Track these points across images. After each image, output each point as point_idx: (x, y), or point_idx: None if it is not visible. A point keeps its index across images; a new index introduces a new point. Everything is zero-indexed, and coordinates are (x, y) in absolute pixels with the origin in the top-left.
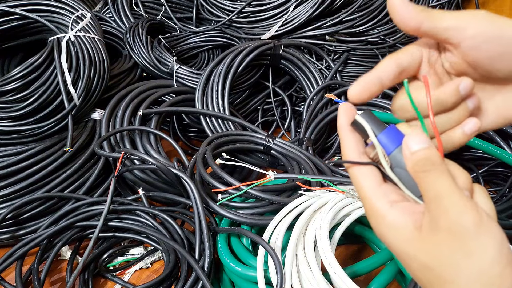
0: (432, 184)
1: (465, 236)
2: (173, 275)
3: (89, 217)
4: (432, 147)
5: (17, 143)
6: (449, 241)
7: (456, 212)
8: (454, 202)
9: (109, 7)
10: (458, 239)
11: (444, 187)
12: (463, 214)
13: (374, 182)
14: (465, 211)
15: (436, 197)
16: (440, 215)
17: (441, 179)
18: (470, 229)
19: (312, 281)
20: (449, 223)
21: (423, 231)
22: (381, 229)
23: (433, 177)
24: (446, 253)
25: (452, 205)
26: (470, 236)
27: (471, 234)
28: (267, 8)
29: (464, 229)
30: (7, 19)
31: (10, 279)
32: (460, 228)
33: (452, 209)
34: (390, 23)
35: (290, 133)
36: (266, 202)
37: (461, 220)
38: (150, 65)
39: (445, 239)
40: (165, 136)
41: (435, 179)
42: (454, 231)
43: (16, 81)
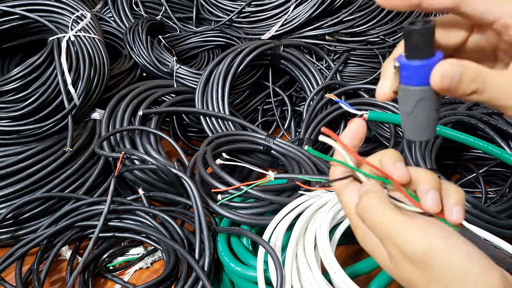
0: (376, 226)
1: (431, 260)
2: (173, 275)
3: (89, 217)
4: (349, 194)
5: (17, 143)
6: (415, 269)
7: (409, 246)
8: (403, 237)
9: (109, 7)
10: (423, 267)
11: (389, 223)
12: (416, 246)
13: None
14: (416, 242)
15: (386, 237)
16: (397, 253)
17: (380, 217)
18: (427, 255)
19: (312, 281)
20: (408, 258)
21: (394, 263)
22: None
23: (372, 220)
24: (418, 281)
25: (403, 241)
26: (435, 259)
27: (433, 258)
28: (267, 8)
29: (423, 257)
30: (7, 19)
31: (10, 279)
32: (419, 258)
33: (403, 245)
34: (390, 23)
35: (290, 133)
36: (266, 202)
37: (415, 251)
38: (150, 65)
39: (411, 269)
40: (165, 136)
41: (376, 221)
42: (416, 262)
43: (16, 81)
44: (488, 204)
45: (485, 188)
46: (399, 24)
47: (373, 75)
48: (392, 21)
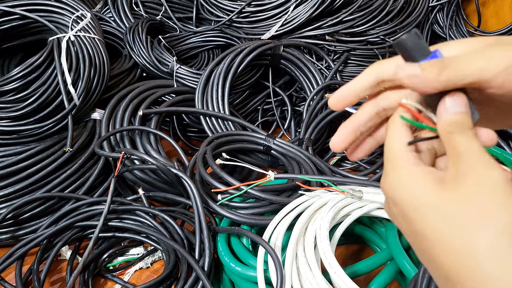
0: (462, 143)
1: (494, 188)
2: (173, 275)
3: (89, 217)
4: (468, 114)
5: (17, 143)
6: (477, 193)
7: (485, 167)
8: (482, 159)
9: (109, 7)
10: (487, 192)
11: (473, 147)
12: (491, 170)
13: (405, 143)
14: (494, 168)
15: (464, 153)
16: (468, 170)
17: (470, 140)
18: (499, 182)
19: (312, 281)
20: (477, 177)
21: (448, 185)
22: (394, 187)
23: (463, 137)
24: (473, 204)
25: (481, 162)
26: (499, 189)
27: (499, 187)
28: (267, 8)
29: (493, 182)
30: (7, 19)
31: (10, 279)
32: (488, 181)
33: (480, 165)
34: (390, 23)
35: (290, 133)
36: (266, 202)
37: (490, 174)
38: (150, 65)
39: (473, 191)
40: (165, 136)
41: (465, 140)
42: (482, 184)
43: (16, 81)
44: None
45: None
46: (399, 24)
47: None
48: (392, 21)
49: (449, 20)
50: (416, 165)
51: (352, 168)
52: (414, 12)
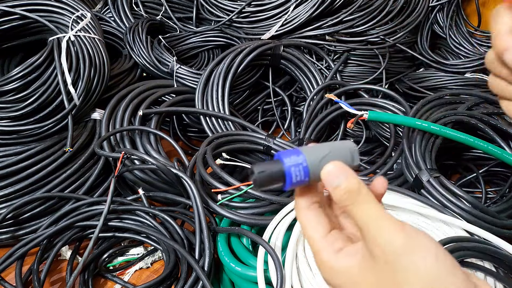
0: (359, 215)
1: (398, 257)
2: (173, 275)
3: (89, 217)
4: (350, 177)
5: (17, 143)
6: (386, 266)
7: (384, 239)
8: (381, 228)
9: (109, 7)
10: (392, 263)
11: (370, 215)
12: (391, 239)
13: (321, 233)
14: (392, 235)
15: (364, 226)
16: (372, 244)
17: (365, 208)
18: (399, 250)
19: (312, 281)
20: (381, 250)
21: (364, 263)
22: (331, 277)
23: (358, 208)
24: (388, 277)
25: (379, 232)
26: (402, 257)
27: (402, 255)
28: (267, 8)
29: (394, 252)
30: (7, 19)
31: (10, 279)
32: (390, 252)
33: (379, 236)
34: (390, 23)
35: (290, 133)
36: (266, 202)
37: (390, 245)
38: (150, 65)
39: (382, 265)
40: (165, 136)
41: (360, 210)
42: (386, 256)
43: (16, 81)
44: (488, 204)
45: (485, 188)
46: (399, 24)
47: (373, 75)
48: (392, 21)
49: (449, 20)
50: (336, 251)
51: None
52: (414, 12)
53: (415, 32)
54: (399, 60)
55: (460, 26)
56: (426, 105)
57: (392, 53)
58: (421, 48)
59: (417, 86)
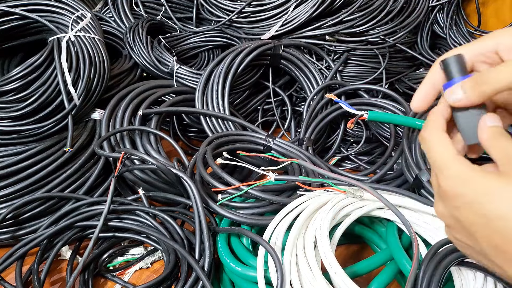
0: (506, 146)
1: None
2: (173, 275)
3: (89, 217)
4: (503, 127)
5: (17, 143)
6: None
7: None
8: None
9: (109, 7)
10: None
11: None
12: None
13: (454, 150)
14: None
15: (509, 154)
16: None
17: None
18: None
19: (312, 281)
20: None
21: (507, 176)
22: (464, 176)
23: (505, 142)
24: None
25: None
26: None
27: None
28: (267, 8)
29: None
30: (7, 19)
31: (10, 279)
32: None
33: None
34: (390, 23)
35: (290, 133)
36: (266, 202)
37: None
38: (150, 65)
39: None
40: (165, 136)
41: (508, 143)
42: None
43: (16, 81)
44: None
45: None
46: (399, 24)
47: (373, 75)
48: (392, 21)
49: (449, 20)
50: (470, 165)
51: (352, 168)
52: (414, 12)
53: (415, 32)
54: (399, 60)
55: (460, 26)
56: None
57: (392, 53)
58: (421, 48)
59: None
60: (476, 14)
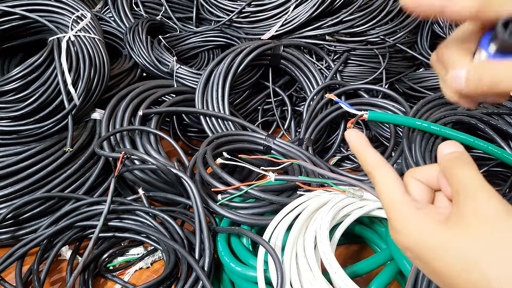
0: (462, 177)
1: (496, 219)
2: (173, 275)
3: (89, 217)
4: (464, 152)
5: (17, 143)
6: (479, 225)
7: (485, 198)
8: (483, 190)
9: (109, 7)
10: (489, 223)
11: (474, 180)
12: (491, 200)
13: (402, 189)
14: (493, 198)
15: (465, 187)
16: (468, 203)
17: (471, 173)
18: (500, 212)
19: (312, 281)
20: (478, 209)
21: (453, 222)
22: (409, 231)
23: (463, 171)
24: (479, 238)
25: (481, 193)
26: (501, 219)
27: (501, 217)
28: (267, 8)
29: (494, 213)
30: (7, 19)
31: (10, 279)
32: (490, 213)
33: (481, 196)
34: (390, 23)
35: (290, 133)
36: (266, 202)
37: (491, 205)
38: (150, 65)
39: (474, 225)
40: (165, 136)
41: (466, 173)
42: (481, 217)
43: (16, 81)
44: None
45: None
46: (399, 24)
47: (373, 75)
48: (392, 21)
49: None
50: (419, 208)
51: (352, 168)
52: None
53: (415, 32)
54: (399, 60)
55: None
56: (426, 105)
57: (392, 53)
58: (421, 48)
59: (417, 86)
60: None
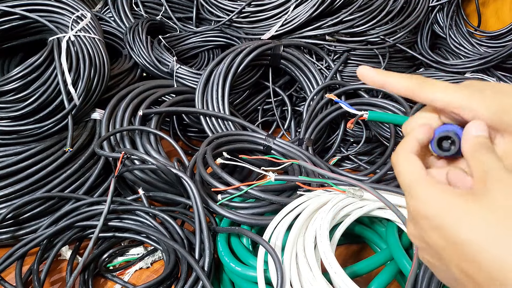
0: (488, 160)
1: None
2: (173, 275)
3: (89, 217)
4: (488, 139)
5: (17, 143)
6: (508, 202)
7: (510, 182)
8: (508, 173)
9: (109, 7)
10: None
11: (498, 164)
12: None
13: (421, 167)
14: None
15: (491, 169)
16: (496, 183)
17: (495, 158)
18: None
19: (312, 281)
20: (506, 188)
21: (478, 197)
22: (433, 198)
23: (489, 156)
24: (507, 214)
25: (506, 175)
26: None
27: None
28: (267, 8)
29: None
30: (7, 19)
31: (10, 279)
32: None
33: (506, 178)
34: (390, 23)
35: (290, 133)
36: (266, 202)
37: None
38: (150, 65)
39: (504, 200)
40: (165, 136)
41: (491, 158)
42: (508, 192)
43: (16, 81)
44: None
45: None
46: (399, 24)
47: None
48: (392, 21)
49: (449, 20)
50: (440, 183)
51: (352, 168)
52: (414, 12)
53: (415, 32)
54: (399, 60)
55: (460, 26)
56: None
57: (392, 53)
58: (421, 48)
59: None
60: (476, 14)
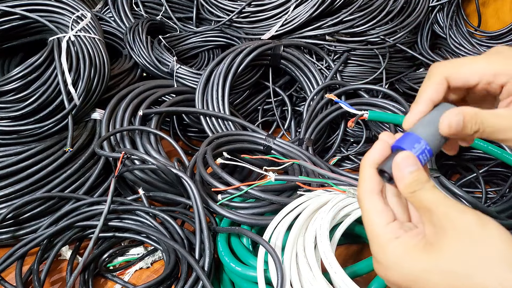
0: (426, 199)
1: (475, 230)
2: (173, 275)
3: (89, 217)
4: (421, 169)
5: (17, 143)
6: (458, 238)
7: (456, 212)
8: (451, 205)
9: (109, 7)
10: (468, 234)
11: (437, 197)
12: (463, 213)
13: (385, 220)
14: (464, 211)
15: (432, 207)
16: (442, 221)
17: (432, 192)
18: (473, 222)
19: (312, 281)
20: (453, 224)
21: (432, 244)
22: (393, 263)
23: (425, 193)
24: (459, 250)
25: (451, 208)
26: (476, 229)
27: (476, 227)
28: (267, 8)
29: (470, 224)
30: (7, 19)
31: (10, 279)
32: (464, 224)
33: (451, 211)
34: (390, 23)
35: (290, 133)
36: (266, 202)
37: (463, 218)
38: (150, 65)
39: (454, 237)
40: (165, 136)
41: (428, 194)
42: (459, 229)
43: (16, 81)
44: (488, 204)
45: (485, 188)
46: (399, 24)
47: (373, 75)
48: (392, 21)
49: (449, 20)
50: (398, 237)
51: (352, 168)
52: (414, 12)
53: (415, 32)
54: (399, 60)
55: (460, 26)
56: None
57: (392, 53)
58: (421, 48)
59: (417, 86)
60: (476, 14)
